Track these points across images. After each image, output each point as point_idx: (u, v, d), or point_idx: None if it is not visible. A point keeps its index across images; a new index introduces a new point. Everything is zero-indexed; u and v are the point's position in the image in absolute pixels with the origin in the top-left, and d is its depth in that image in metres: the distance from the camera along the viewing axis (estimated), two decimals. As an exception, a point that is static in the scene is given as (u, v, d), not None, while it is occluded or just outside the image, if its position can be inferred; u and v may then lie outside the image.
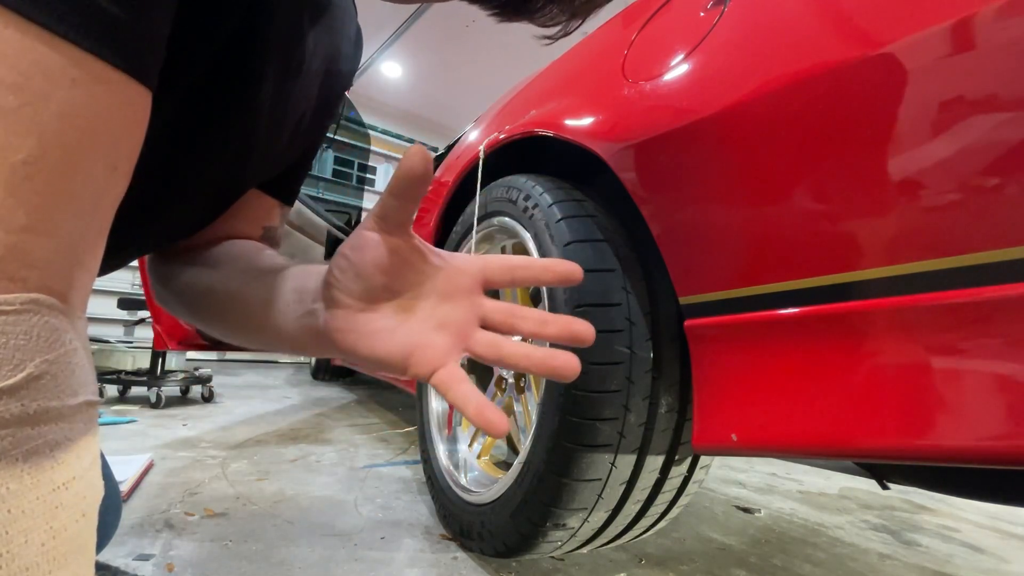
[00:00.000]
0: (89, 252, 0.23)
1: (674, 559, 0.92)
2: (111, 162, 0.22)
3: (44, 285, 0.20)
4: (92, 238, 0.23)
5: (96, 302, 3.71)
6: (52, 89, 0.19)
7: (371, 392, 2.90)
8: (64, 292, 0.21)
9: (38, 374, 0.19)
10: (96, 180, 0.22)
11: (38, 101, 0.19)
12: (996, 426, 0.37)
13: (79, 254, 0.22)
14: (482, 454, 0.99)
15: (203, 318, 0.42)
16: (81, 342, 0.22)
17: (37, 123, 0.19)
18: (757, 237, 0.52)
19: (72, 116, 0.20)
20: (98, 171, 0.22)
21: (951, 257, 0.39)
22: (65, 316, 0.21)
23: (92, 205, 0.22)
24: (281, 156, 0.47)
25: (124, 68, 0.21)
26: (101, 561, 0.71)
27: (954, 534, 1.29)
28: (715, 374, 0.58)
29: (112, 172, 0.23)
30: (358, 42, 0.52)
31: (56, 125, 0.19)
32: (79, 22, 0.19)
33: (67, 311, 0.21)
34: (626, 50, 0.75)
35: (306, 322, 0.33)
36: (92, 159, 0.21)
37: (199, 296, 0.42)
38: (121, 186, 0.24)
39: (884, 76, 0.42)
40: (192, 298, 0.42)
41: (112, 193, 0.23)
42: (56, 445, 0.20)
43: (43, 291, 0.20)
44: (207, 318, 0.42)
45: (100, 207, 0.23)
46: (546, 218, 0.78)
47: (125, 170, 0.24)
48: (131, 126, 0.23)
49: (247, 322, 0.38)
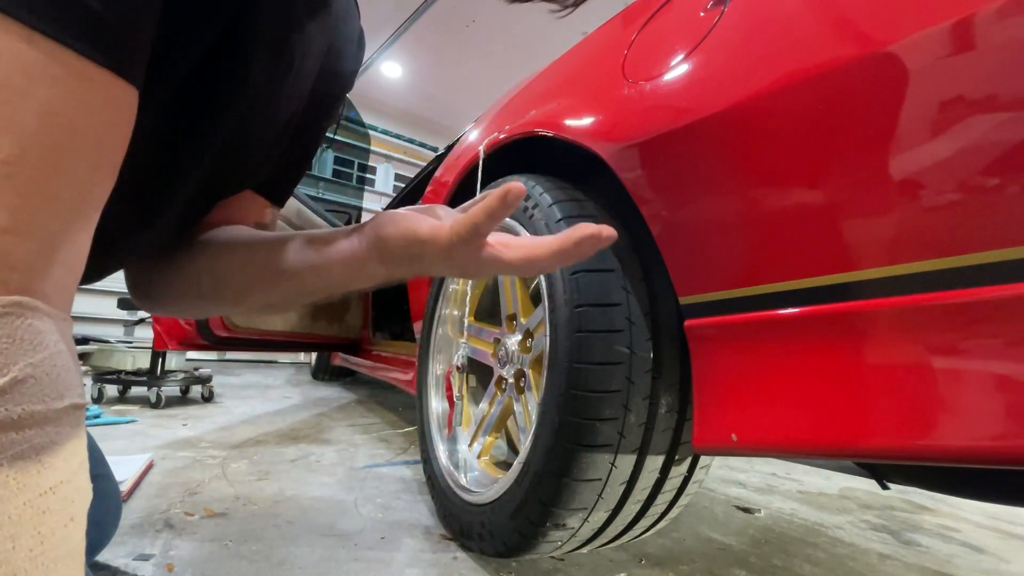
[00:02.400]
0: (73, 253, 0.22)
1: (674, 559, 0.92)
2: (94, 161, 0.22)
3: (26, 287, 0.20)
4: (76, 238, 0.22)
5: (96, 302, 3.71)
6: (32, 87, 0.19)
7: (371, 392, 2.90)
8: (47, 294, 0.21)
9: (22, 378, 0.19)
10: (79, 179, 0.21)
11: (17, 99, 0.19)
12: (996, 426, 0.37)
13: (62, 255, 0.21)
14: (482, 454, 0.99)
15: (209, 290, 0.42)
16: (66, 344, 0.22)
17: (16, 122, 0.19)
18: (757, 237, 0.52)
19: (53, 114, 0.20)
20: (81, 170, 0.21)
21: (951, 257, 0.39)
22: (49, 318, 0.21)
23: (75, 205, 0.22)
24: (274, 156, 0.46)
25: (107, 65, 0.21)
26: (101, 561, 0.71)
27: (954, 534, 1.29)
28: (715, 374, 0.58)
29: (95, 171, 0.22)
30: (360, 43, 0.52)
31: (36, 124, 0.19)
32: (60, 19, 0.19)
33: (51, 313, 0.21)
34: (626, 50, 0.75)
35: (322, 252, 0.37)
36: (75, 158, 0.21)
37: (203, 272, 0.42)
38: (106, 185, 0.23)
39: (884, 76, 0.42)
40: (193, 277, 0.42)
41: (96, 192, 0.23)
42: (42, 449, 0.20)
43: (26, 293, 0.20)
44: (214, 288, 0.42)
45: (84, 207, 0.22)
46: (546, 218, 0.78)
47: (109, 169, 0.23)
48: (116, 124, 0.23)
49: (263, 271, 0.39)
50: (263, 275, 0.39)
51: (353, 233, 0.36)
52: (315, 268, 0.37)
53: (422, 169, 2.18)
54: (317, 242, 0.37)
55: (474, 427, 1.01)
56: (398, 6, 3.81)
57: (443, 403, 1.12)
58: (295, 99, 0.44)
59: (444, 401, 1.13)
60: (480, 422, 1.00)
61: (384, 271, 0.35)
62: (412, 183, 2.26)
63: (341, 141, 4.47)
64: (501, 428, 1.01)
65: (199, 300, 0.43)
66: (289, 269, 0.37)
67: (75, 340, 0.31)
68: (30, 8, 0.18)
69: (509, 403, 0.92)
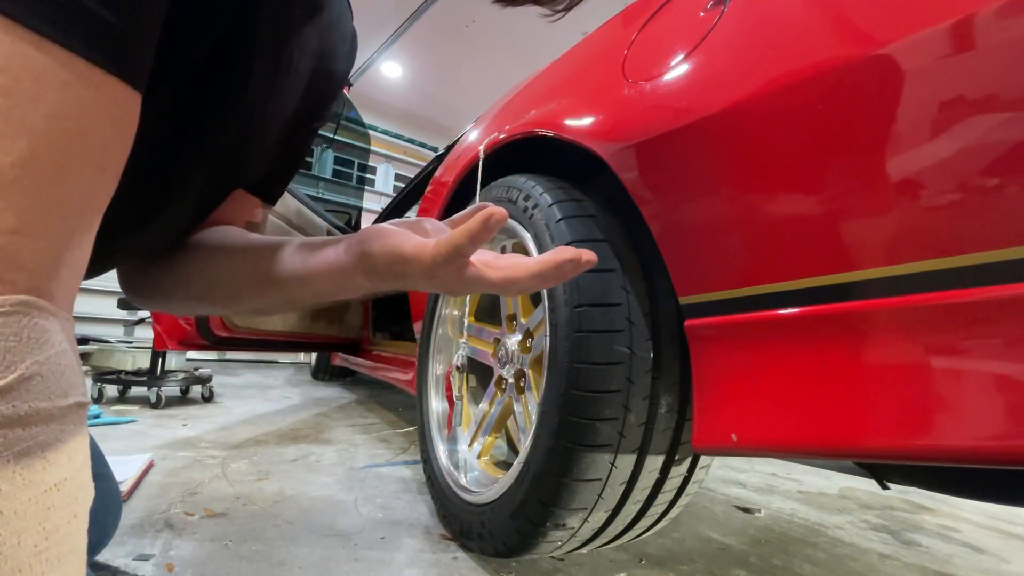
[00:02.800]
0: (78, 254, 0.23)
1: (674, 559, 0.92)
2: (100, 164, 0.22)
3: (33, 287, 0.20)
4: (80, 239, 0.23)
5: (96, 302, 3.71)
6: (42, 91, 0.19)
7: (371, 392, 2.90)
8: (53, 293, 0.21)
9: (28, 375, 0.19)
10: (85, 182, 0.22)
11: (27, 103, 0.19)
12: (996, 426, 0.37)
13: (67, 256, 0.22)
14: (482, 454, 0.99)
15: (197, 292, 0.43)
16: (70, 343, 0.22)
17: (26, 125, 0.19)
18: (757, 237, 0.52)
19: (62, 118, 0.20)
20: (87, 173, 0.22)
21: (951, 257, 0.39)
22: (55, 317, 0.21)
23: (80, 207, 0.22)
24: (270, 156, 0.46)
25: (114, 71, 0.21)
26: (101, 561, 0.71)
27: (954, 534, 1.29)
28: (715, 374, 0.58)
29: (101, 174, 0.23)
30: (353, 43, 0.52)
31: (45, 127, 0.19)
32: (69, 26, 0.19)
33: (56, 312, 0.21)
34: (626, 50, 0.75)
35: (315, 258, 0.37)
36: (81, 161, 0.21)
37: (192, 274, 0.42)
38: (109, 188, 0.24)
39: (884, 76, 0.42)
40: (183, 279, 0.43)
41: (100, 195, 0.23)
42: (47, 446, 0.20)
43: (32, 293, 0.20)
44: (203, 291, 0.42)
45: (88, 209, 0.23)
46: (546, 218, 0.78)
47: (114, 172, 0.24)
48: (120, 129, 0.23)
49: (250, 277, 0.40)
50: (250, 282, 0.40)
51: (341, 244, 0.36)
52: (301, 278, 0.37)
53: (422, 169, 2.18)
54: (305, 251, 0.38)
55: (474, 427, 1.01)
56: (398, 6, 3.81)
57: (443, 403, 1.12)
58: (290, 100, 0.44)
59: (444, 401, 1.13)
60: (480, 422, 1.00)
61: (369, 284, 0.36)
62: (412, 183, 2.26)
63: (341, 141, 4.47)
64: (501, 428, 1.01)
65: (189, 300, 0.43)
66: (275, 278, 0.38)
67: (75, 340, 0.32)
68: (40, 15, 0.19)
69: (509, 403, 0.92)
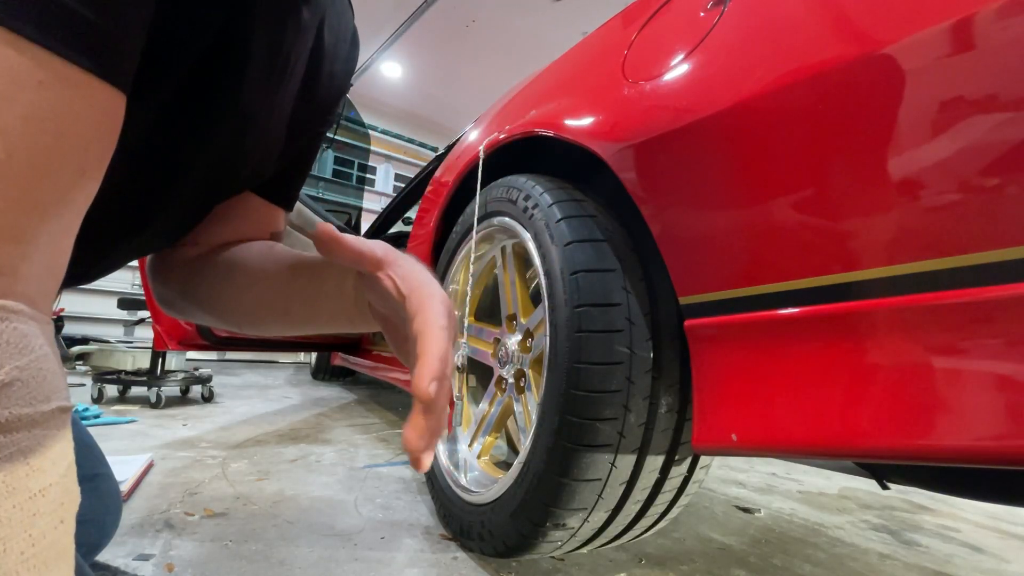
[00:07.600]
0: (56, 257, 0.22)
1: (674, 559, 0.92)
2: (80, 166, 0.22)
3: (12, 291, 0.20)
4: (59, 242, 0.22)
5: (96, 302, 3.71)
6: (17, 91, 0.19)
7: (371, 392, 2.90)
8: (32, 297, 0.21)
9: (9, 381, 0.19)
10: (64, 184, 0.21)
11: (3, 104, 0.19)
12: (996, 426, 0.37)
13: (46, 259, 0.21)
14: (482, 454, 0.99)
15: (232, 312, 0.44)
16: (50, 346, 0.22)
17: (1, 126, 0.19)
18: (757, 237, 0.52)
19: (39, 119, 0.19)
20: (66, 175, 0.21)
21: (951, 257, 0.39)
22: (34, 321, 0.21)
23: (60, 210, 0.22)
24: (273, 158, 0.46)
25: (94, 70, 0.21)
26: (101, 561, 0.71)
27: (954, 534, 1.29)
28: (715, 374, 0.58)
29: (80, 176, 0.22)
30: (355, 42, 0.52)
31: (22, 128, 0.19)
32: (46, 24, 0.19)
33: (35, 316, 0.21)
34: (626, 50, 0.75)
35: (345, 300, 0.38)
36: (60, 163, 0.21)
37: (231, 295, 0.43)
38: (90, 189, 0.23)
39: (884, 76, 0.42)
40: (218, 297, 0.44)
41: (80, 197, 0.23)
42: (30, 452, 0.20)
43: (11, 297, 0.20)
44: (237, 312, 0.44)
45: (68, 212, 0.22)
46: (546, 218, 0.78)
47: (95, 174, 0.23)
48: (102, 129, 0.22)
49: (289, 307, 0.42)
50: (272, 312, 0.42)
51: (347, 282, 0.37)
52: (314, 323, 0.41)
53: (422, 169, 2.18)
54: (315, 294, 0.40)
55: (474, 427, 1.01)
56: (398, 6, 3.81)
57: (443, 403, 1.12)
58: (288, 99, 0.44)
59: (444, 401, 1.12)
60: (480, 422, 1.00)
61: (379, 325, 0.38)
62: (412, 183, 2.25)
63: (341, 141, 4.47)
64: (501, 428, 1.01)
65: (209, 318, 0.46)
66: (292, 315, 0.41)
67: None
68: (15, 12, 0.18)
69: (509, 403, 0.92)
